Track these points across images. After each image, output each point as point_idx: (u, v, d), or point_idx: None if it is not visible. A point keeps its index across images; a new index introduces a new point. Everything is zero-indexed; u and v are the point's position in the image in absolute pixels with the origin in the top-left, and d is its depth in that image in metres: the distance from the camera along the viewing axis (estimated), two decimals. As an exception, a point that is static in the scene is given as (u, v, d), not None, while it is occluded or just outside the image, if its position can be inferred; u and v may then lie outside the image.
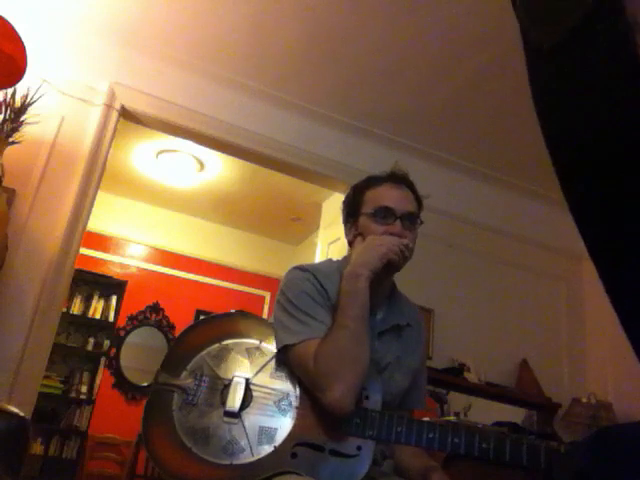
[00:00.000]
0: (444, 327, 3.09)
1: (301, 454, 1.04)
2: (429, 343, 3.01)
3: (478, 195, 3.51)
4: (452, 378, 2.94)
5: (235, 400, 1.11)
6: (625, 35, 0.30)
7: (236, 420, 1.09)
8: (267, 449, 1.06)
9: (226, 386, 1.14)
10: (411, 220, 1.23)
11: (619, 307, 0.35)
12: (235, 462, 1.04)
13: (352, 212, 1.30)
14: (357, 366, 1.06)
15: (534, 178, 3.42)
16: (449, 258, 3.27)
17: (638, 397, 2.95)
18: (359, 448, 1.04)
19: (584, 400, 3.00)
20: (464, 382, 2.96)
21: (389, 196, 1.24)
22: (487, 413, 2.85)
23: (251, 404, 1.12)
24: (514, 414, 3.01)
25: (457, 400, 2.95)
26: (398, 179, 1.28)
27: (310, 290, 1.18)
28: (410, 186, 1.28)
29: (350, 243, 1.31)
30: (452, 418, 2.66)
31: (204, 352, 1.18)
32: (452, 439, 1.02)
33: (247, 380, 1.14)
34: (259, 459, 1.04)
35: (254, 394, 1.13)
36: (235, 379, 1.14)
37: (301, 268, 1.25)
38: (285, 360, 1.15)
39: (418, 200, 1.28)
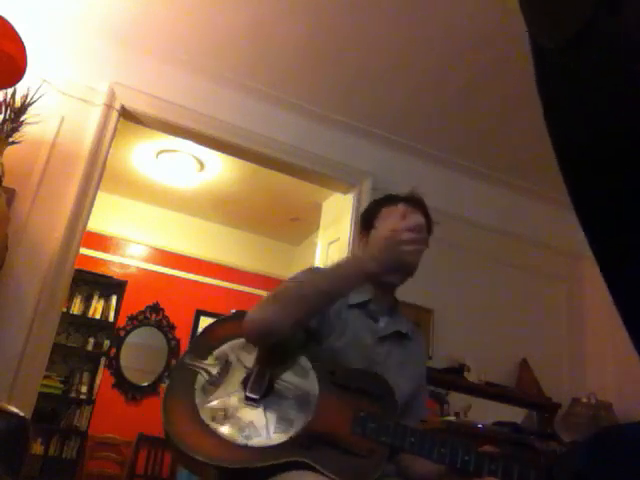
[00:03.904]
0: (444, 327, 3.09)
1: (314, 447, 1.05)
2: (429, 343, 3.01)
3: (478, 195, 3.50)
4: (452, 378, 2.94)
5: (257, 387, 1.13)
6: (627, 37, 0.30)
7: (256, 406, 1.11)
8: (282, 437, 1.06)
9: (249, 375, 1.16)
10: None
11: (622, 305, 0.35)
12: (250, 444, 1.05)
13: (366, 225, 1.37)
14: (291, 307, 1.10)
15: (534, 178, 3.42)
16: (449, 258, 3.26)
17: (638, 397, 2.95)
18: (372, 451, 1.05)
19: (584, 400, 3.00)
20: (464, 382, 2.96)
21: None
22: (487, 413, 2.85)
23: (272, 394, 1.13)
24: (514, 414, 3.01)
25: (457, 400, 2.94)
26: (414, 202, 1.33)
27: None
28: (424, 211, 1.33)
29: None
30: (452, 418, 2.66)
31: (230, 342, 1.21)
32: (463, 457, 1.04)
33: (270, 372, 1.16)
34: (273, 445, 1.05)
35: (276, 386, 1.14)
36: (259, 369, 1.16)
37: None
38: None
39: (429, 225, 1.32)
